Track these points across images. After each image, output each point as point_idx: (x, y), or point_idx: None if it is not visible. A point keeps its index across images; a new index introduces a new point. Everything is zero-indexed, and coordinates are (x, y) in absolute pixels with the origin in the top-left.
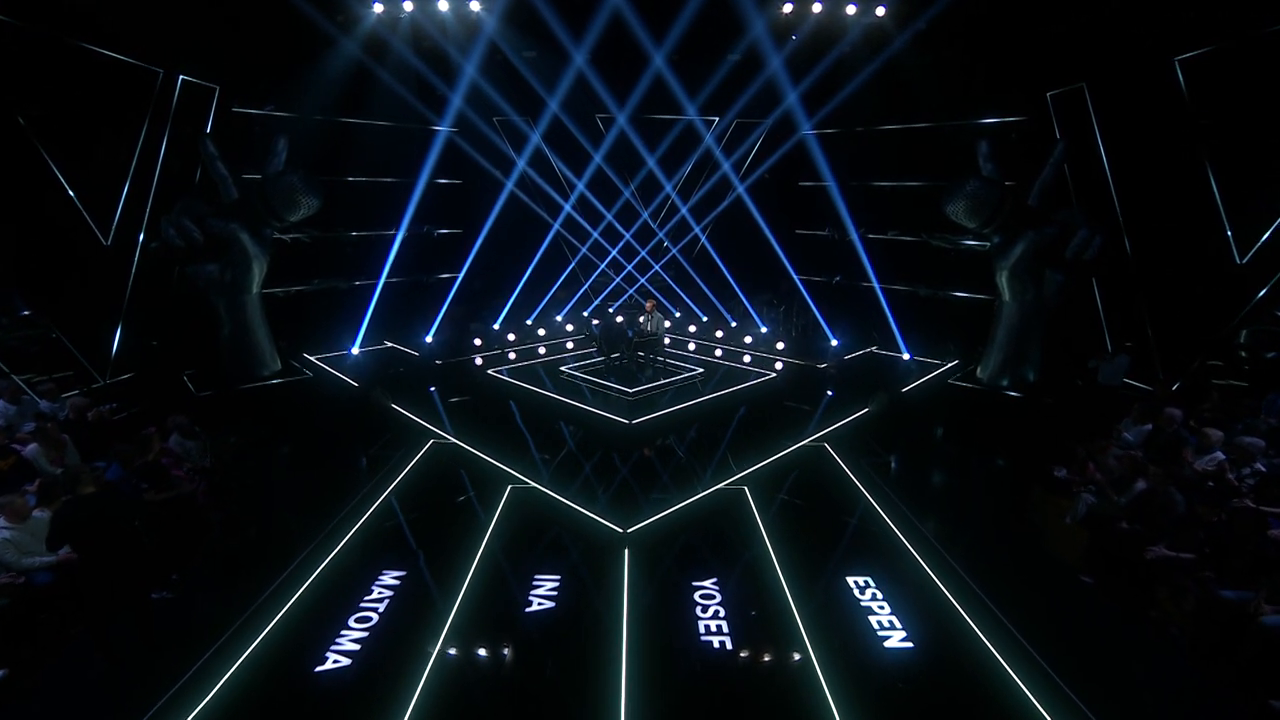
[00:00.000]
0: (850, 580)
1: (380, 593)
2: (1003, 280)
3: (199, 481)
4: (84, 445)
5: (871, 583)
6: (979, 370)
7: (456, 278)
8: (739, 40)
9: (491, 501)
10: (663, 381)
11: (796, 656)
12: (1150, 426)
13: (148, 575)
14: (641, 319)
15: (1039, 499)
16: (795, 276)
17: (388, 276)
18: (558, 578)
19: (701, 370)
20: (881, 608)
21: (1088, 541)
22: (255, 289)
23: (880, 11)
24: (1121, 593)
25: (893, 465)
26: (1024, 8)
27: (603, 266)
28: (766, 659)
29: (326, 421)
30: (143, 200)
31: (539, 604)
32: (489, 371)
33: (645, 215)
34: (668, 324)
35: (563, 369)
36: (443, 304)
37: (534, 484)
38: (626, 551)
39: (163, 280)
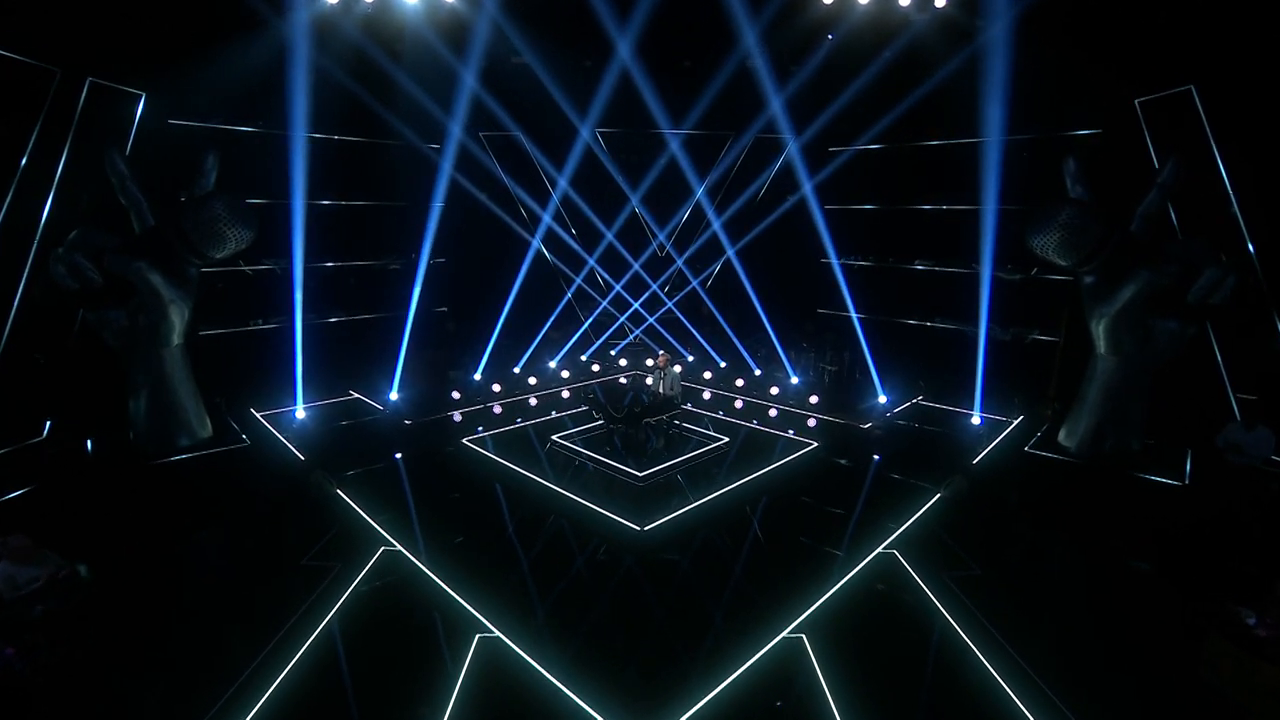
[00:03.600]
0: None
1: None
2: (1101, 328)
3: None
4: None
5: None
6: (1063, 435)
7: (408, 314)
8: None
9: (457, 655)
10: (679, 458)
11: None
12: None
13: None
14: (649, 362)
15: (1216, 649)
16: (854, 312)
17: (357, 313)
18: None
19: (725, 439)
20: None
21: None
22: (176, 339)
23: (941, 2)
24: None
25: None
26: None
27: (604, 304)
28: None
29: (254, 511)
30: (28, 232)
31: None
32: (464, 441)
33: (661, 236)
34: (678, 369)
35: (555, 436)
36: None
37: (507, 639)
38: None
39: (57, 329)
